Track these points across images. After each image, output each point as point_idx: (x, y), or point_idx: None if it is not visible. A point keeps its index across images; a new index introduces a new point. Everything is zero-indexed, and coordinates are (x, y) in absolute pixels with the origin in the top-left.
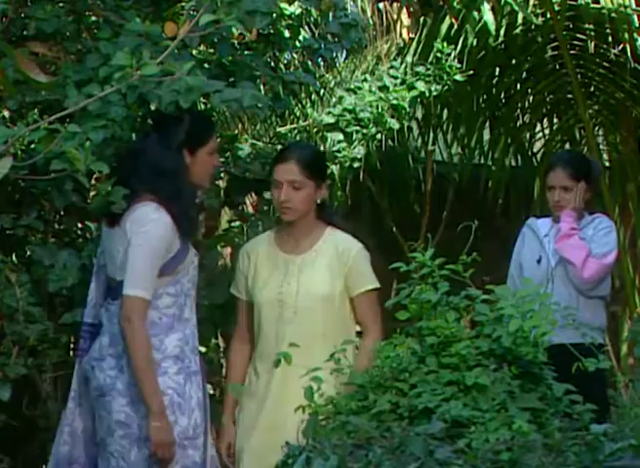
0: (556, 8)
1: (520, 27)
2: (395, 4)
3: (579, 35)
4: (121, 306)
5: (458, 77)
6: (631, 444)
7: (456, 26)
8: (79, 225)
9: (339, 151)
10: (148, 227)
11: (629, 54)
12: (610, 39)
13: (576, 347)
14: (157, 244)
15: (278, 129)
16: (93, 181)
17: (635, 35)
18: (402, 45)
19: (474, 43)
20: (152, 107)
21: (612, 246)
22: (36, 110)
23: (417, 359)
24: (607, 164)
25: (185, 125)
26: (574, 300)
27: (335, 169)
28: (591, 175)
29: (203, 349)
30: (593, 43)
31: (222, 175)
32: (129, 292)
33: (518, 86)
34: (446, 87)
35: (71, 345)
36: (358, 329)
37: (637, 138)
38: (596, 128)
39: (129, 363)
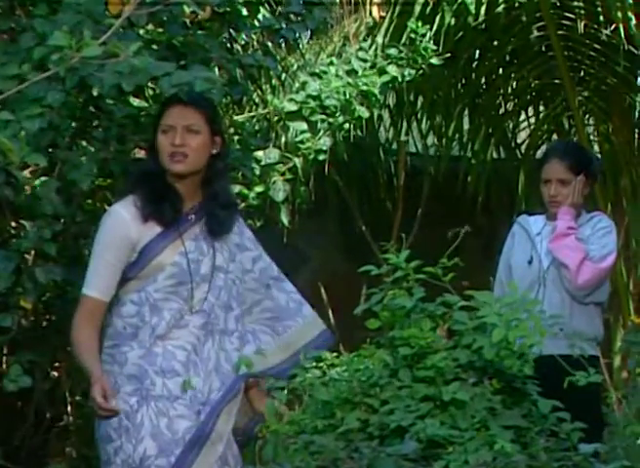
0: None
1: (502, 5)
2: None
3: (567, 14)
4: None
5: (433, 60)
6: (624, 465)
7: (431, 4)
8: (13, 224)
9: (302, 142)
10: (102, 221)
11: (622, 35)
12: (601, 18)
13: (568, 359)
14: (107, 239)
15: (234, 117)
16: (28, 174)
17: (629, 14)
18: (372, 24)
19: (452, 22)
20: (94, 92)
21: (611, 247)
22: None
23: (388, 372)
24: (598, 156)
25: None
26: (567, 306)
27: (298, 162)
28: (592, 169)
29: None
30: (583, 23)
31: None
32: (82, 290)
33: (500, 70)
34: (420, 71)
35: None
36: None
37: (631, 128)
38: (586, 116)
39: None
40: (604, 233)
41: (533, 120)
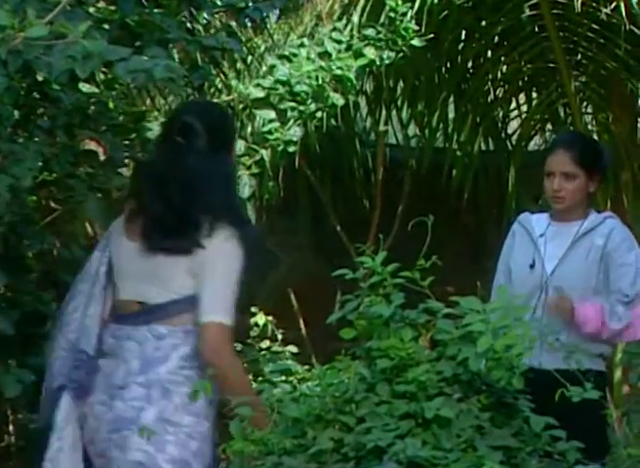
0: None
1: None
2: None
3: None
4: (208, 335)
5: (415, 42)
6: None
7: None
8: None
9: (270, 132)
10: (235, 246)
11: (623, 13)
12: None
13: (569, 375)
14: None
15: None
16: None
17: None
18: (347, 2)
19: (435, 0)
20: (39, 77)
21: None
22: None
23: (365, 387)
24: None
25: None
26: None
27: (265, 154)
28: (601, 162)
29: None
30: (580, 0)
31: (127, 160)
32: (218, 318)
33: (489, 53)
34: (401, 54)
35: None
36: None
37: (633, 117)
38: (584, 104)
39: (165, 393)
40: (627, 248)
41: (525, 108)
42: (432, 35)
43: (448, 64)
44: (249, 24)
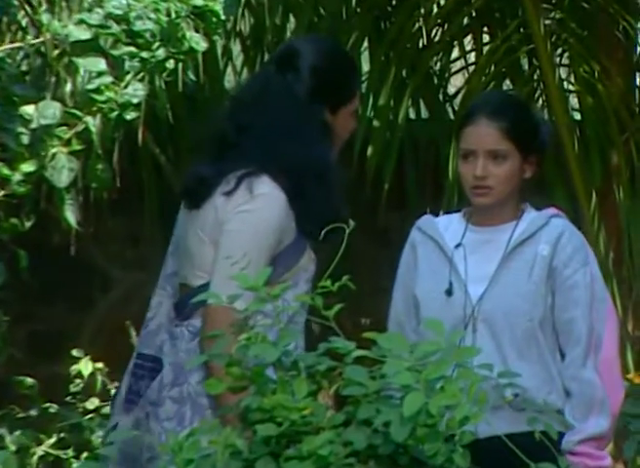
0: None
1: None
2: None
3: None
4: (204, 321)
5: None
6: None
7: None
8: None
9: (98, 91)
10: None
11: None
12: None
13: (524, 439)
14: (261, 230)
15: None
16: None
17: None
18: None
19: None
20: None
21: (604, 295)
22: None
23: (240, 465)
24: (575, 116)
25: (330, 68)
26: (507, 362)
27: (91, 122)
28: (538, 137)
29: None
30: None
31: None
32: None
33: None
34: None
35: None
36: None
37: (630, 72)
38: (557, 52)
39: (196, 409)
40: (581, 263)
41: (472, 57)
42: None
43: None
44: None
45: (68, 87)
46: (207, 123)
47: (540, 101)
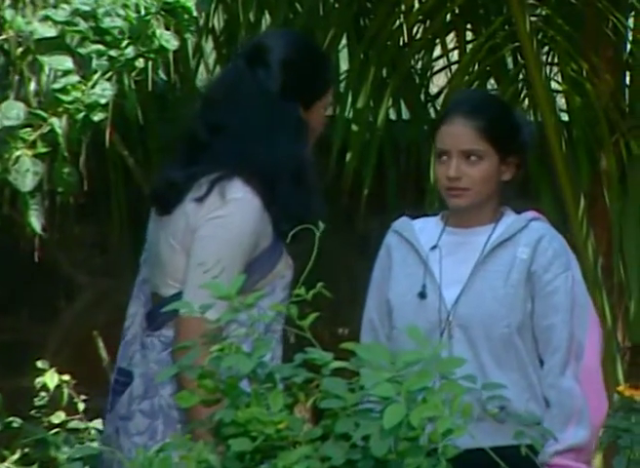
0: None
1: None
2: None
3: None
4: (176, 331)
5: None
6: None
7: None
8: None
9: (65, 91)
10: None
11: None
12: None
13: (507, 452)
14: (234, 237)
15: None
16: None
17: None
18: None
19: None
20: None
21: (586, 301)
22: None
23: None
24: (563, 117)
25: (301, 62)
26: (485, 371)
27: (57, 124)
28: (518, 137)
29: None
30: None
31: None
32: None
33: None
34: None
35: None
36: None
37: (619, 71)
38: (544, 50)
39: (168, 423)
40: (562, 268)
41: (455, 55)
42: None
43: None
44: None
45: (33, 86)
46: (178, 123)
47: (526, 101)
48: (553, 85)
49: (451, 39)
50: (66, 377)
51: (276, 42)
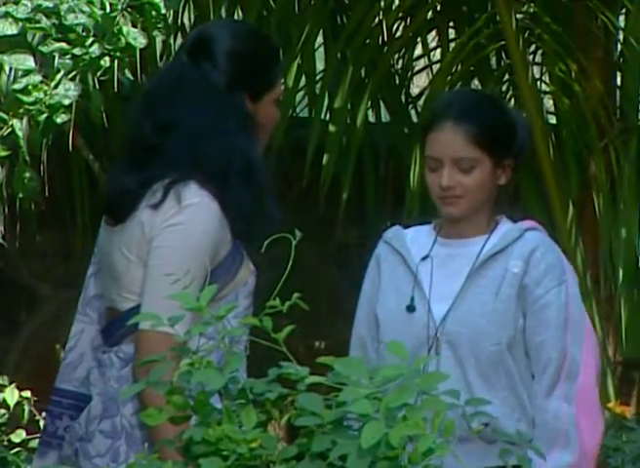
0: None
1: None
2: None
3: None
4: (137, 346)
5: None
6: None
7: None
8: None
9: (26, 91)
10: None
11: None
12: None
13: None
14: (199, 244)
15: None
16: None
17: None
18: None
19: None
20: None
21: (582, 317)
22: None
23: None
24: (550, 119)
25: (247, 52)
26: (472, 389)
27: (18, 126)
28: (515, 139)
29: None
30: None
31: None
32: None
33: None
34: None
35: None
36: None
37: (609, 72)
38: (530, 49)
39: (131, 443)
40: (555, 282)
41: (437, 55)
42: None
43: None
44: None
45: None
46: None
47: (512, 103)
48: (540, 86)
49: (433, 37)
50: (27, 394)
51: (220, 32)
